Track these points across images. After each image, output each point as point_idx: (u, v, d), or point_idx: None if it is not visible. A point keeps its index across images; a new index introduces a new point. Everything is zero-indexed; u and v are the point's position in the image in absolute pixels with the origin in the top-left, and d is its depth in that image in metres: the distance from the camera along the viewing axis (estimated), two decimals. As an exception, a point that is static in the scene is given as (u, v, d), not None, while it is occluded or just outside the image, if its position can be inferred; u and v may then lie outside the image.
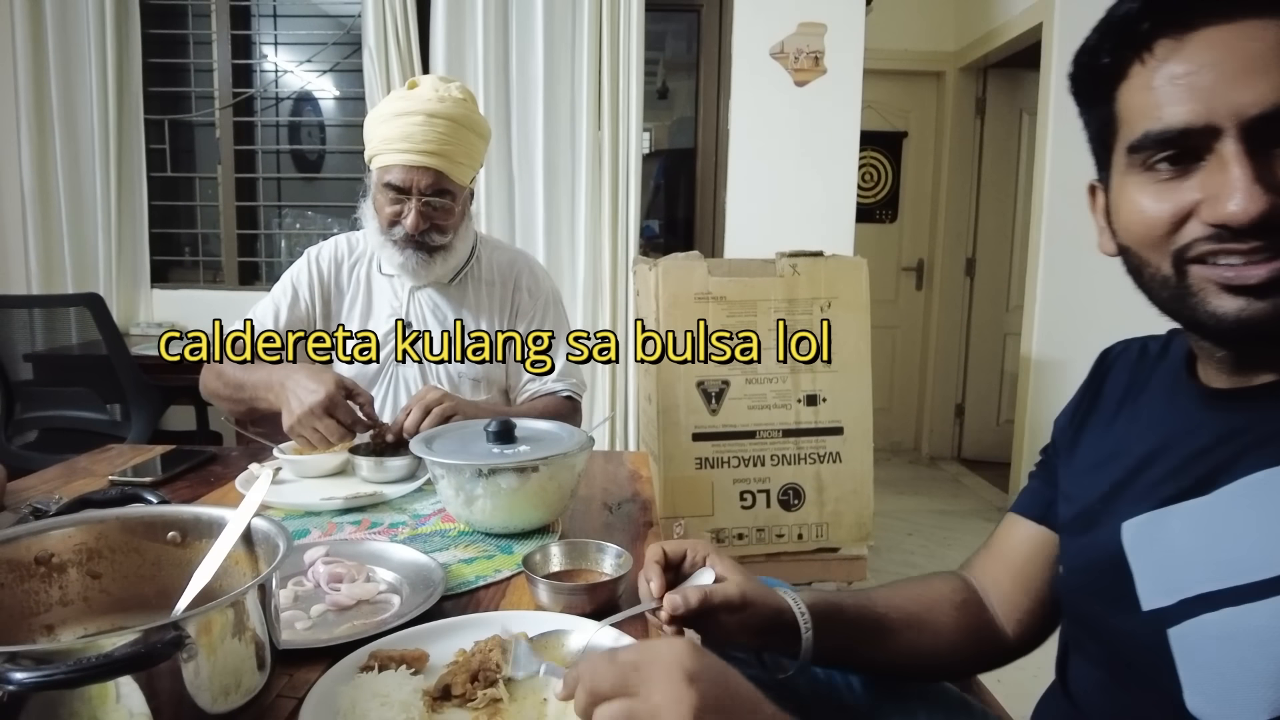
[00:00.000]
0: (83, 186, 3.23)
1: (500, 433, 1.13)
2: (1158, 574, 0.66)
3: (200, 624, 0.59)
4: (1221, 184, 0.59)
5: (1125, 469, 0.73)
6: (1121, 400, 0.78)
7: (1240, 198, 0.57)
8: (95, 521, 0.74)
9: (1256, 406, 0.64)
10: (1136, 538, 0.68)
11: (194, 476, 1.37)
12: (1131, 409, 0.77)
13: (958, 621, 0.87)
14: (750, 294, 2.66)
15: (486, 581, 0.97)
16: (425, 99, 1.48)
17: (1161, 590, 0.65)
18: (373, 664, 0.73)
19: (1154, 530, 0.67)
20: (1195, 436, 0.68)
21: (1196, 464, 0.66)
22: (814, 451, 2.70)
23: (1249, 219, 0.57)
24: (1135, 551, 0.68)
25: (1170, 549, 0.65)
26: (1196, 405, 0.69)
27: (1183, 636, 0.63)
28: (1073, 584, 0.77)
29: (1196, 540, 0.64)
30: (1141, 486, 0.70)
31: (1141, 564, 0.67)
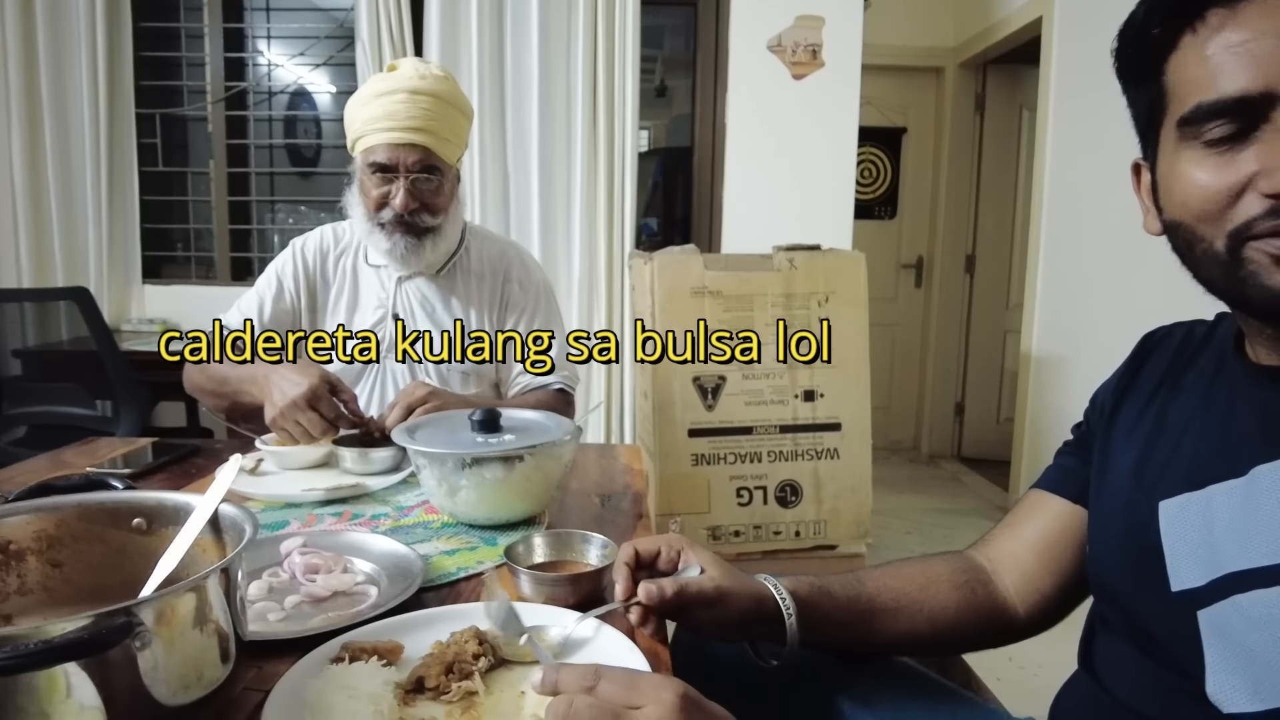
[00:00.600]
0: (74, 181, 3.20)
1: (485, 422, 1.10)
2: (1191, 556, 0.65)
3: (157, 611, 0.56)
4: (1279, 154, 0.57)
5: (1164, 448, 0.72)
6: (1160, 381, 0.76)
7: None
8: (54, 508, 0.71)
9: None
10: (1173, 518, 0.67)
11: (176, 469, 1.34)
12: (1171, 389, 0.75)
13: (958, 601, 0.85)
14: (747, 288, 2.63)
15: (468, 573, 0.94)
16: (406, 77, 1.46)
17: (1193, 572, 0.64)
18: (344, 656, 0.70)
19: (1191, 511, 0.66)
20: (1239, 415, 0.66)
21: (1239, 444, 0.65)
22: (811, 448, 2.67)
23: None
24: (1170, 532, 0.67)
25: (1206, 531, 0.64)
26: (1243, 383, 0.68)
27: (1213, 618, 0.62)
28: (1103, 562, 0.76)
29: (1233, 521, 0.63)
30: (1180, 466, 0.69)
31: (1175, 545, 0.66)
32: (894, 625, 0.84)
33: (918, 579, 0.86)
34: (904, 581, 0.85)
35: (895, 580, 0.86)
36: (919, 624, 0.84)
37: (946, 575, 0.87)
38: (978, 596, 0.86)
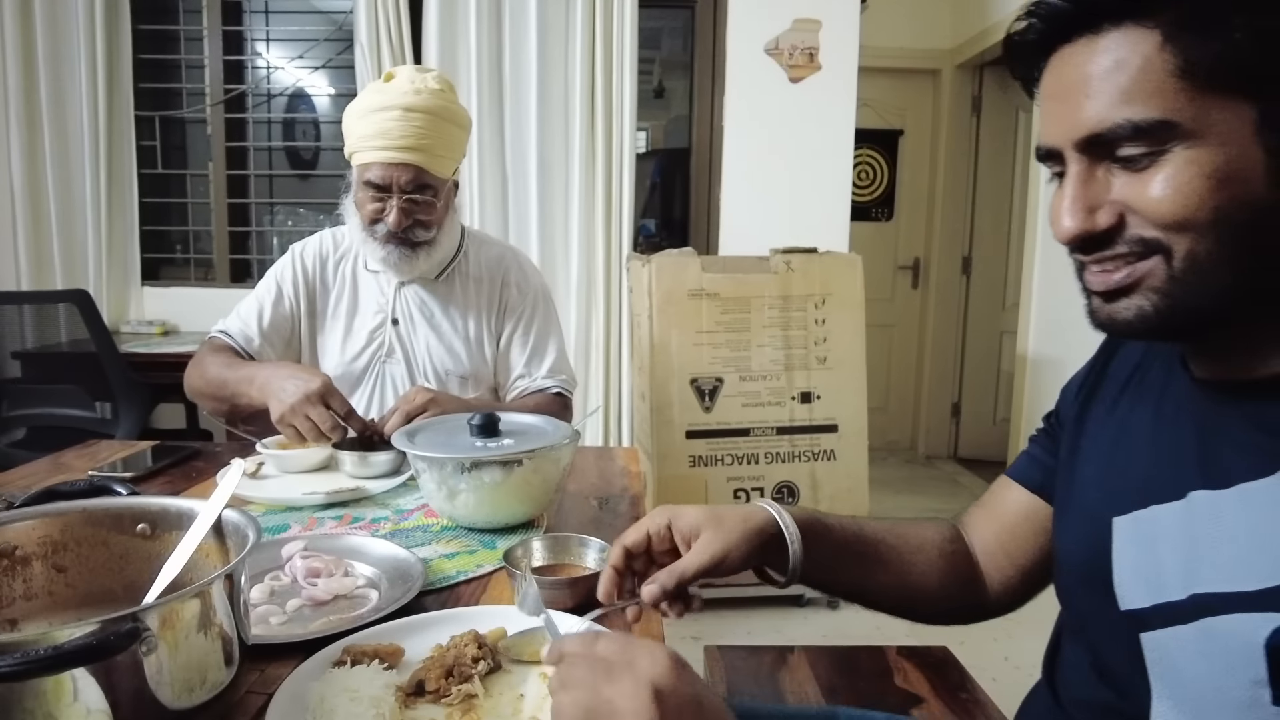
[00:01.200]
0: (73, 183, 3.20)
1: (484, 426, 1.11)
2: (1136, 575, 0.65)
3: (162, 616, 0.58)
4: (1058, 203, 0.61)
5: (1122, 459, 0.71)
6: (1126, 382, 0.76)
7: (1062, 218, 0.60)
8: (59, 514, 0.72)
9: (1239, 406, 0.61)
10: (1124, 535, 0.67)
11: (176, 472, 1.35)
12: (1135, 393, 0.74)
13: (943, 569, 0.87)
14: (744, 291, 2.64)
15: (467, 576, 0.95)
16: (401, 92, 1.45)
17: (1139, 592, 0.64)
18: (345, 659, 0.71)
19: (1139, 530, 0.65)
20: (1182, 432, 0.65)
21: (1181, 464, 0.64)
22: (808, 449, 2.68)
23: (1064, 239, 0.60)
24: (1120, 549, 0.67)
25: (1150, 551, 0.64)
26: (1184, 398, 0.67)
27: (1155, 643, 0.62)
28: (1065, 572, 0.76)
29: (1176, 544, 0.62)
30: (1134, 481, 0.68)
31: (1123, 563, 0.66)
32: (884, 576, 0.85)
33: (912, 539, 0.87)
34: (899, 539, 0.87)
35: (891, 536, 0.87)
36: (907, 581, 0.86)
37: (937, 542, 0.88)
38: (960, 570, 0.88)
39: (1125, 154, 0.57)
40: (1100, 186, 0.59)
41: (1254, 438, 0.59)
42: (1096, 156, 0.59)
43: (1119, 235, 0.59)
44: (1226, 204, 0.54)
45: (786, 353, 2.66)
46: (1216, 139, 0.54)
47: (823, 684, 1.42)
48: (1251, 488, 0.57)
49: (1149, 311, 0.58)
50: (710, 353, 2.63)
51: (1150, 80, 0.55)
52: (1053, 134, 0.61)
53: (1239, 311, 0.58)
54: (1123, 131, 0.56)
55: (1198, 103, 0.54)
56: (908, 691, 1.40)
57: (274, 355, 1.62)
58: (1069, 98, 0.59)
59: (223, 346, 1.59)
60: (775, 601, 2.75)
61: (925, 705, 1.36)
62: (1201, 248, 0.55)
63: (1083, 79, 0.58)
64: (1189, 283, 0.56)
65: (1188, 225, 0.55)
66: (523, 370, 1.67)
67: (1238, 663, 0.55)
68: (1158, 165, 0.55)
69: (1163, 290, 0.57)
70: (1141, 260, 0.58)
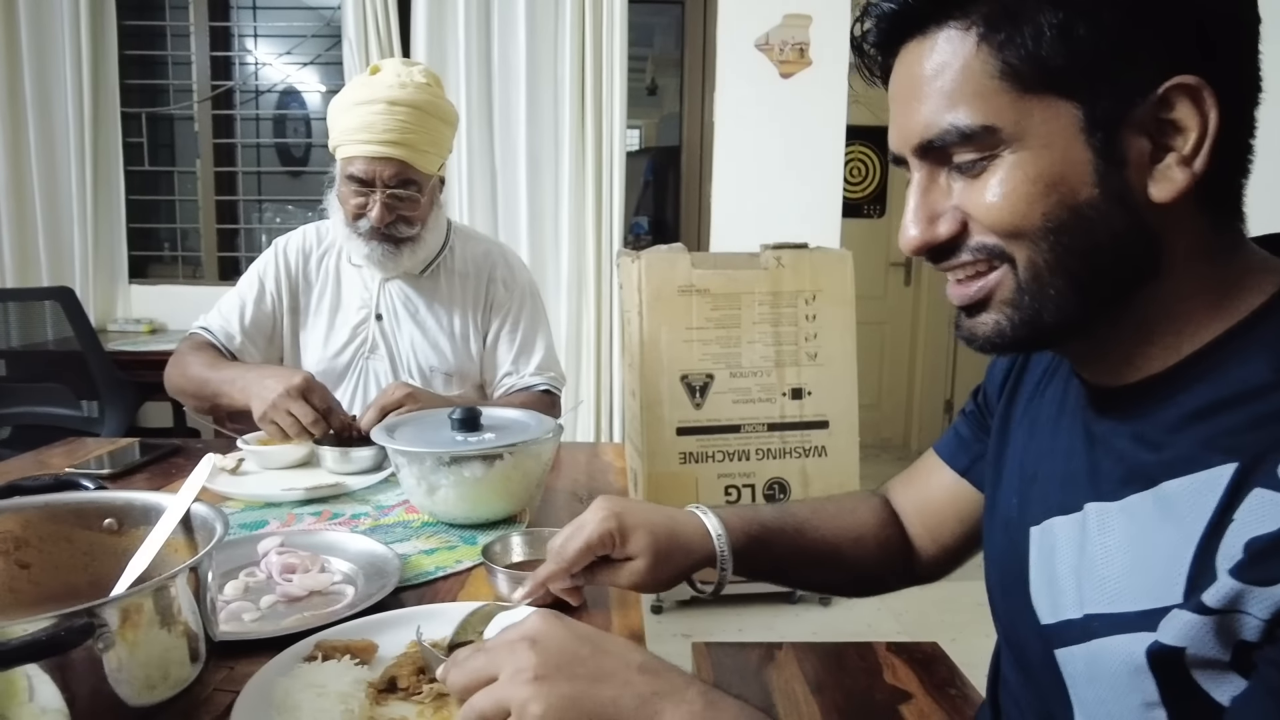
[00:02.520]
0: (58, 181, 3.17)
1: (465, 420, 1.10)
2: (1046, 589, 0.63)
3: (122, 611, 0.56)
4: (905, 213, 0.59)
5: (1031, 465, 0.69)
6: (1041, 378, 0.73)
7: (907, 228, 0.59)
8: (19, 509, 0.71)
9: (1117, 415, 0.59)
10: (1036, 547, 0.65)
11: (156, 469, 1.34)
12: (1048, 391, 0.71)
13: (879, 556, 0.89)
14: (734, 287, 2.63)
15: (446, 572, 0.93)
16: (387, 85, 1.43)
17: (1049, 607, 0.62)
18: (316, 654, 0.70)
19: (1046, 541, 0.64)
20: (1078, 441, 0.63)
21: (1077, 474, 0.62)
22: (799, 446, 2.67)
23: (909, 249, 0.59)
24: (1035, 561, 0.65)
25: (1054, 564, 0.62)
26: (1076, 403, 0.65)
27: (1066, 660, 0.60)
28: (993, 581, 0.74)
29: (1068, 560, 0.60)
30: (1041, 490, 0.66)
31: (1036, 575, 0.65)
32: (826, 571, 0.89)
33: (850, 530, 0.88)
34: (837, 533, 0.87)
35: (830, 531, 0.87)
36: (844, 570, 0.89)
37: (873, 527, 0.89)
38: (894, 551, 0.89)
39: (960, 160, 0.55)
40: (941, 194, 0.57)
41: (1132, 448, 0.57)
42: (936, 162, 0.57)
43: (963, 243, 0.57)
44: (1055, 209, 0.53)
45: (777, 349, 2.65)
46: (1041, 142, 0.52)
47: (810, 681, 1.41)
48: (1133, 502, 0.55)
49: (1004, 326, 0.57)
50: (700, 349, 2.62)
51: (970, 83, 0.53)
52: (895, 139, 0.60)
53: (1093, 317, 0.56)
54: (950, 138, 0.54)
55: (1020, 105, 0.52)
56: (896, 688, 1.39)
57: (256, 352, 1.60)
58: (904, 102, 0.58)
59: (204, 344, 1.57)
60: (767, 598, 2.74)
61: (914, 701, 1.35)
62: (1039, 257, 0.54)
63: (914, 82, 0.56)
64: (1035, 293, 0.55)
65: (1020, 233, 0.54)
66: (510, 367, 1.66)
67: (1126, 686, 0.53)
68: (990, 170, 0.54)
69: (1013, 303, 0.56)
70: (991, 271, 0.57)
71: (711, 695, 0.54)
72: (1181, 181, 0.51)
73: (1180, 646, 0.49)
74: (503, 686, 0.52)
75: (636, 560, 0.76)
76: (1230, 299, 0.55)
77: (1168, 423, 0.55)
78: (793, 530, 0.85)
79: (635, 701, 0.52)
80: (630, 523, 0.76)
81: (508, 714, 0.52)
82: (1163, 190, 0.52)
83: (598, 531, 0.75)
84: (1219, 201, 0.55)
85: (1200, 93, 0.50)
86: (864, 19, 0.60)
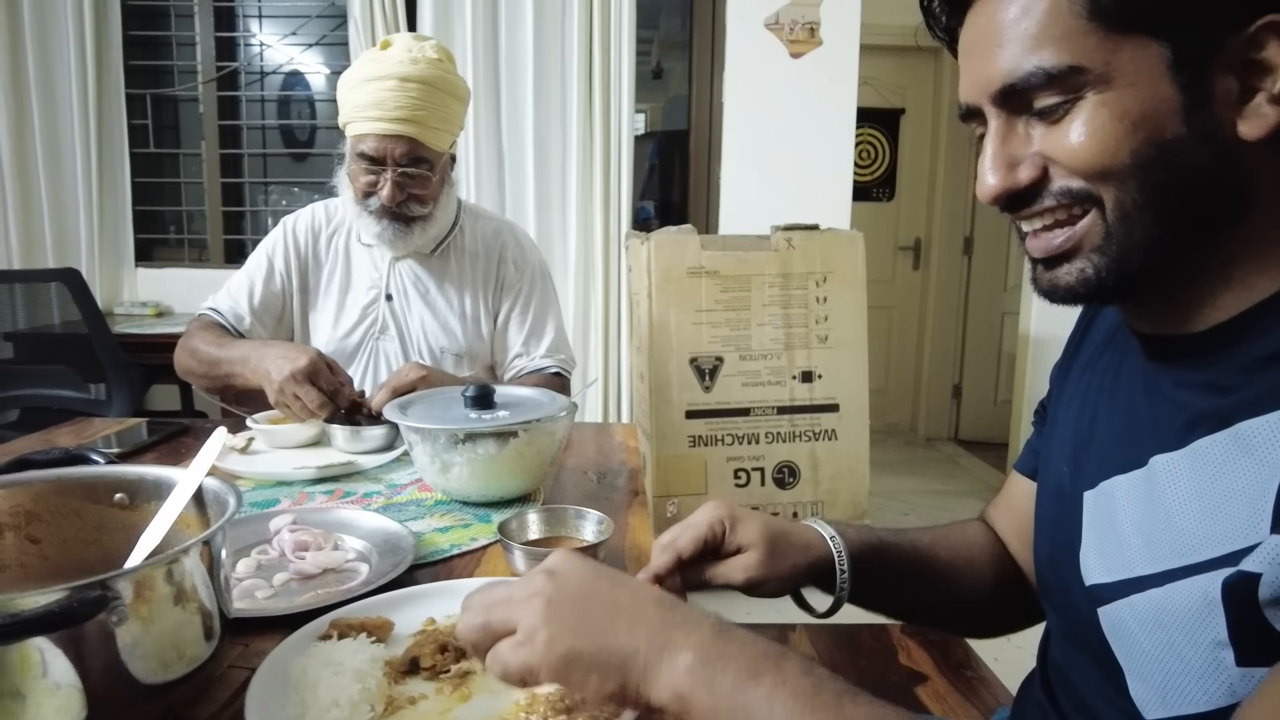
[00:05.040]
0: (63, 163, 3.15)
1: (478, 398, 1.08)
2: (1100, 549, 0.63)
3: (134, 585, 0.55)
4: (981, 162, 0.59)
5: (1088, 431, 0.69)
6: (1103, 346, 0.73)
7: (985, 176, 0.58)
8: (30, 482, 0.69)
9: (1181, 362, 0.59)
10: (1092, 509, 0.65)
11: (165, 448, 1.33)
12: (1107, 359, 0.71)
13: (995, 577, 0.85)
14: (744, 269, 2.60)
15: (461, 550, 0.92)
16: (398, 61, 1.41)
17: (1103, 566, 0.62)
18: (331, 632, 0.68)
19: (1104, 502, 0.64)
20: (1134, 396, 0.63)
21: (1139, 429, 0.62)
22: (809, 429, 2.66)
23: (988, 197, 0.58)
24: (1088, 524, 0.65)
25: (1112, 524, 0.62)
26: (1135, 361, 0.65)
27: (1111, 617, 0.60)
28: (1040, 550, 0.74)
29: (1137, 517, 0.60)
30: (1097, 452, 0.66)
31: (1090, 537, 0.65)
32: (938, 594, 0.83)
33: (963, 551, 0.85)
34: (951, 553, 0.84)
35: (944, 551, 0.84)
36: (961, 595, 0.84)
37: (985, 547, 0.86)
38: (1008, 574, 0.85)
39: (1041, 105, 0.55)
40: (1020, 141, 0.57)
41: (1202, 394, 0.56)
42: (1015, 110, 0.57)
43: (1044, 189, 0.57)
44: (1143, 146, 0.53)
45: (787, 331, 2.63)
46: (1128, 81, 0.52)
47: (825, 663, 1.39)
48: (1202, 446, 0.55)
49: (1090, 274, 0.57)
50: (710, 331, 2.60)
51: (1058, 24, 0.53)
52: (970, 90, 0.59)
53: (1176, 258, 0.56)
54: (1035, 80, 0.54)
55: (1107, 45, 0.52)
56: (912, 670, 1.38)
57: (265, 332, 1.58)
58: (982, 51, 0.57)
59: (212, 324, 1.55)
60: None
61: (929, 683, 1.34)
62: (1127, 196, 0.54)
63: (993, 29, 0.56)
64: (1124, 237, 0.55)
65: (1108, 173, 0.54)
66: (520, 349, 1.64)
67: (1195, 625, 0.53)
68: (1073, 113, 0.54)
69: (1101, 249, 0.56)
70: (1078, 220, 0.57)
71: (724, 625, 0.53)
72: (1273, 119, 0.52)
73: (1258, 573, 0.49)
74: (514, 606, 0.53)
75: (749, 552, 0.74)
76: None
77: (1241, 365, 0.54)
78: (908, 545, 0.83)
79: (646, 630, 0.52)
80: (740, 514, 0.76)
81: (512, 632, 0.53)
82: (1253, 128, 0.52)
83: (707, 521, 0.75)
84: None
85: None
86: None
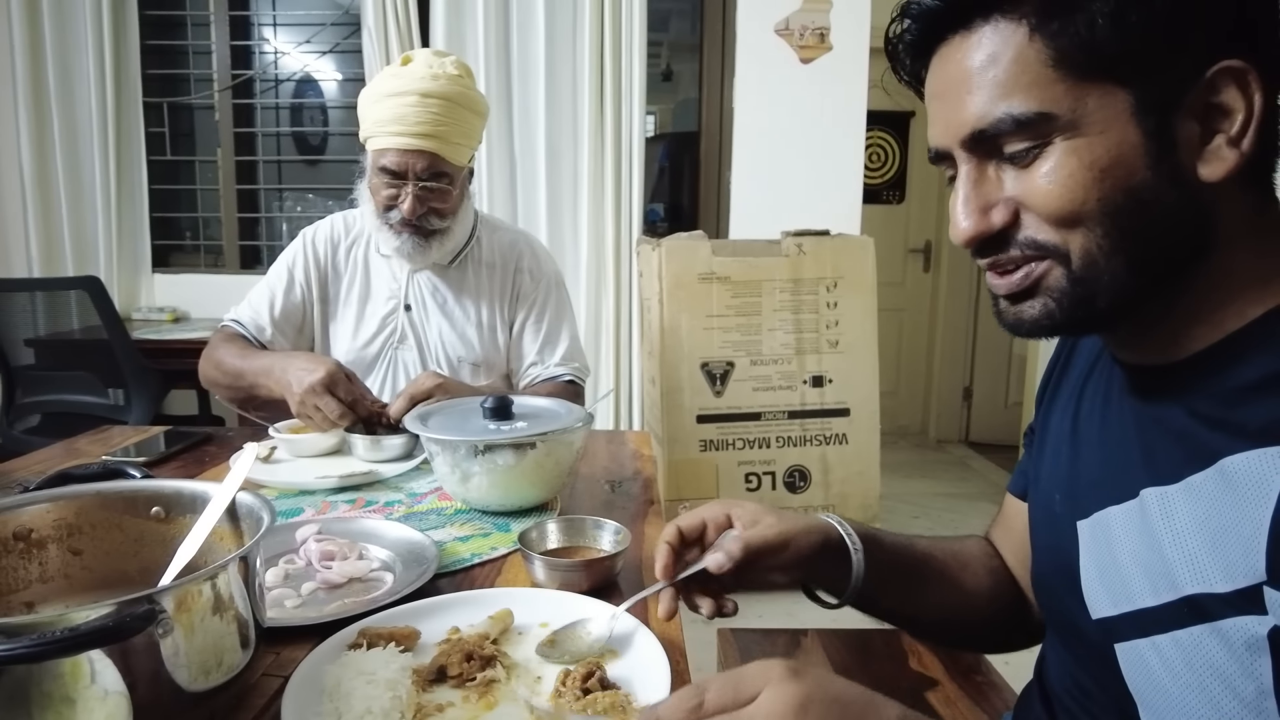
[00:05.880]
0: (81, 171, 3.20)
1: (497, 409, 1.10)
2: (1104, 581, 0.63)
3: (177, 598, 0.57)
4: (953, 205, 0.60)
5: (1076, 458, 0.69)
6: (1087, 374, 0.73)
7: (959, 220, 0.59)
8: (74, 497, 0.72)
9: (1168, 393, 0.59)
10: (1087, 539, 0.65)
11: (188, 457, 1.35)
12: (1093, 386, 0.71)
13: (991, 587, 0.85)
14: (755, 274, 2.62)
15: (482, 559, 0.94)
16: (419, 77, 1.43)
17: (1107, 599, 0.62)
18: (361, 642, 0.71)
19: (1100, 533, 0.64)
20: (1126, 426, 0.63)
21: (1128, 461, 0.62)
22: (820, 433, 2.67)
23: (962, 241, 0.59)
24: (1086, 555, 0.65)
25: (1111, 555, 0.62)
26: (1122, 388, 0.65)
27: (1131, 654, 0.59)
28: (1039, 576, 0.74)
29: (1135, 548, 0.59)
30: (1090, 482, 0.66)
31: (1089, 568, 0.65)
32: (935, 596, 0.82)
33: (960, 556, 0.85)
34: (948, 555, 0.84)
35: (940, 552, 0.84)
36: (958, 600, 0.83)
37: (981, 558, 0.86)
38: (1005, 586, 0.85)
39: (1011, 150, 0.56)
40: (992, 185, 0.58)
41: (1187, 426, 0.57)
42: (985, 154, 0.58)
43: (1014, 234, 0.58)
44: (1111, 192, 0.54)
45: (798, 336, 2.64)
46: (1095, 127, 0.53)
47: (836, 667, 1.41)
48: (1194, 482, 0.55)
49: (1053, 308, 0.58)
50: (721, 336, 2.62)
51: (1025, 72, 0.54)
52: (939, 135, 0.60)
53: (1146, 297, 0.57)
54: (1004, 126, 0.55)
55: (1074, 92, 0.53)
56: (922, 674, 1.40)
57: (286, 343, 1.61)
58: (951, 96, 0.58)
59: (234, 336, 1.58)
60: (786, 586, 2.75)
61: (940, 688, 1.36)
62: (1094, 243, 0.55)
63: (962, 76, 0.57)
64: (1088, 279, 0.56)
65: (1077, 219, 0.55)
66: (535, 358, 1.66)
67: (1236, 673, 0.51)
68: (1042, 158, 0.55)
69: (1063, 289, 0.57)
70: (1037, 261, 0.57)
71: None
72: (1231, 161, 0.53)
73: None
74: None
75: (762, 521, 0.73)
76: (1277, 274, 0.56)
77: (1222, 395, 0.55)
78: (903, 539, 0.83)
79: None
80: (738, 501, 0.77)
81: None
82: (1213, 170, 0.53)
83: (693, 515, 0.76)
84: (1261, 181, 0.56)
85: (1246, 76, 0.52)
86: (902, 19, 0.61)
